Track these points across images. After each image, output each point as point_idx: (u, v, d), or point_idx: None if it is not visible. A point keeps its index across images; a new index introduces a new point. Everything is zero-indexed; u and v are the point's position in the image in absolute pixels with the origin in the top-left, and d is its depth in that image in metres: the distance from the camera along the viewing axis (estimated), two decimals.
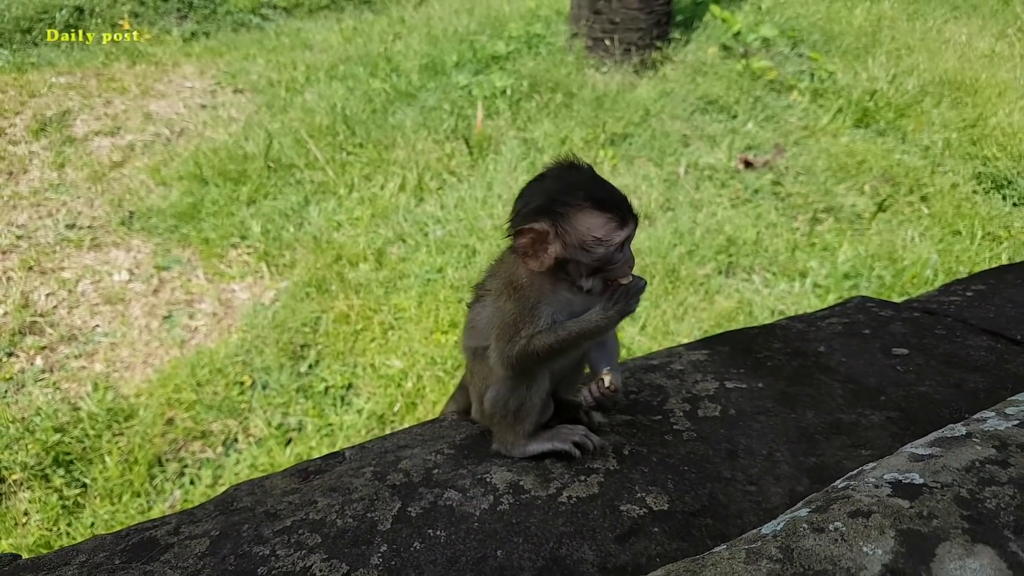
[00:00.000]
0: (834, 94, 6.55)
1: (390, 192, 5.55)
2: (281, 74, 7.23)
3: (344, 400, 3.94)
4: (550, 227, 1.21)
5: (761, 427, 1.38)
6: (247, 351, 4.20)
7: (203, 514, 1.15)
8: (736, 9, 7.71)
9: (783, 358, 1.61)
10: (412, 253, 4.97)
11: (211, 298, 4.69)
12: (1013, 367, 1.58)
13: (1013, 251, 5.21)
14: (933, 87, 6.87)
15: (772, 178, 5.68)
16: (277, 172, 5.76)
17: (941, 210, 5.51)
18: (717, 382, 1.53)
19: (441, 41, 7.66)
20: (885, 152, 6.01)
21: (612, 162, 5.96)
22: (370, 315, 4.40)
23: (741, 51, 6.91)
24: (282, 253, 4.93)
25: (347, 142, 6.10)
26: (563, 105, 6.59)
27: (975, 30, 8.58)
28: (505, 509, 1.14)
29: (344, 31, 8.21)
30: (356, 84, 6.96)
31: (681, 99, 6.55)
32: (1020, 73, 7.56)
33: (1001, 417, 0.94)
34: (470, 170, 5.96)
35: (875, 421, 1.39)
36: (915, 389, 1.50)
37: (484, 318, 1.35)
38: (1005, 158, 6.11)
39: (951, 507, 0.76)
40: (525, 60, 7.18)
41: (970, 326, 1.78)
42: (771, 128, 6.25)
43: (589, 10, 6.95)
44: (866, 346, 1.67)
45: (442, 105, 6.61)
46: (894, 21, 8.37)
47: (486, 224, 5.24)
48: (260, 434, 3.76)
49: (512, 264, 1.31)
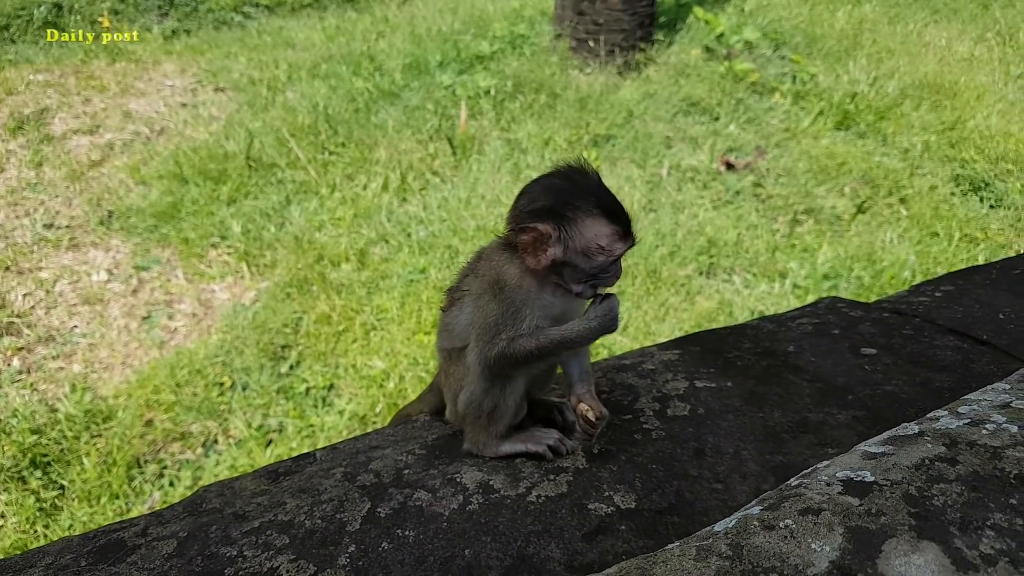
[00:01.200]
0: (816, 96, 6.61)
1: (373, 192, 5.54)
2: (263, 72, 7.19)
3: (325, 401, 3.93)
4: (554, 230, 1.22)
5: (729, 426, 1.39)
6: (227, 352, 4.18)
7: (171, 515, 1.14)
8: (719, 11, 7.75)
9: (753, 358, 1.63)
10: (395, 254, 4.96)
11: (191, 298, 4.66)
12: (978, 366, 1.60)
13: (990, 253, 5.27)
14: (913, 90, 6.95)
15: (753, 180, 5.72)
16: (258, 171, 5.73)
17: (919, 212, 5.57)
18: (687, 381, 1.55)
19: (425, 40, 7.65)
20: (865, 154, 6.07)
21: (596, 163, 5.98)
22: (352, 316, 4.39)
23: (724, 53, 6.95)
24: (263, 253, 4.91)
25: (329, 141, 6.07)
26: (547, 106, 6.60)
27: (955, 34, 8.68)
28: (474, 509, 1.14)
29: (327, 29, 8.18)
30: (339, 83, 6.93)
31: (664, 101, 6.58)
32: (998, 77, 7.66)
33: (953, 416, 0.96)
34: (453, 170, 5.96)
35: (842, 420, 1.41)
36: (882, 388, 1.51)
37: (462, 320, 1.34)
38: (982, 161, 6.18)
39: (899, 504, 0.77)
40: (509, 60, 7.19)
41: (938, 326, 1.80)
42: (753, 130, 6.29)
43: (573, 11, 6.96)
44: (835, 346, 1.69)
45: (425, 105, 6.60)
46: (875, 24, 8.45)
47: (469, 225, 5.24)
48: (240, 435, 3.74)
49: (500, 263, 1.29)
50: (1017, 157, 6.24)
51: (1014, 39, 8.67)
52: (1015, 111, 7.01)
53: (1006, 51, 8.38)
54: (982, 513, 0.76)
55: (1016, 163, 6.20)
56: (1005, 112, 6.92)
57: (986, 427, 0.93)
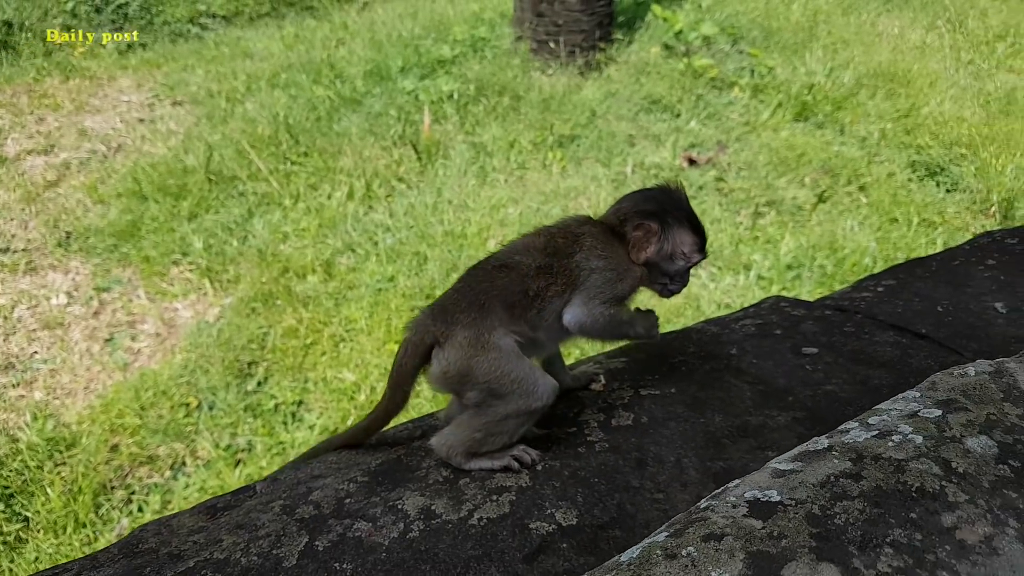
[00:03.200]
0: (774, 89, 6.68)
1: (337, 201, 5.51)
2: (221, 84, 7.11)
3: (295, 417, 3.90)
4: (658, 230, 1.45)
5: (671, 433, 1.40)
6: (192, 371, 4.13)
7: (106, 558, 1.13)
8: (677, 8, 7.80)
9: (696, 362, 1.64)
10: (362, 263, 4.94)
11: (153, 318, 4.60)
12: (916, 361, 1.63)
13: (947, 236, 5.36)
14: (868, 79, 7.05)
15: (715, 174, 5.77)
16: (219, 185, 5.67)
17: (878, 199, 5.65)
18: (632, 390, 1.56)
19: (385, 46, 7.61)
20: (824, 144, 6.15)
21: (561, 164, 5.99)
22: (320, 328, 4.36)
23: (683, 50, 7.00)
24: (226, 268, 4.86)
25: (291, 151, 6.03)
26: (510, 108, 6.61)
27: (907, 22, 8.82)
28: (415, 536, 1.14)
29: (285, 38, 8.11)
30: (299, 92, 6.88)
31: (626, 99, 6.61)
32: (949, 64, 7.80)
33: (863, 428, 0.98)
34: (419, 176, 5.94)
35: (782, 422, 1.42)
36: (822, 388, 1.53)
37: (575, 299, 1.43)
38: (937, 146, 6.29)
39: (802, 525, 0.78)
40: (471, 64, 7.18)
41: (878, 322, 1.82)
42: (714, 125, 6.35)
43: (532, 13, 6.97)
44: (777, 346, 1.70)
45: (388, 111, 6.57)
46: (830, 15, 8.56)
47: (437, 230, 5.23)
48: (208, 456, 3.70)
49: (614, 247, 1.46)
50: (970, 142, 6.37)
51: (963, 26, 8.83)
52: (967, 96, 7.15)
53: (956, 38, 8.54)
54: (882, 530, 0.77)
55: (969, 147, 6.32)
56: (957, 98, 7.05)
57: (893, 439, 0.94)
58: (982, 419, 0.98)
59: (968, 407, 1.00)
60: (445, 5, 8.66)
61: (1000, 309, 1.86)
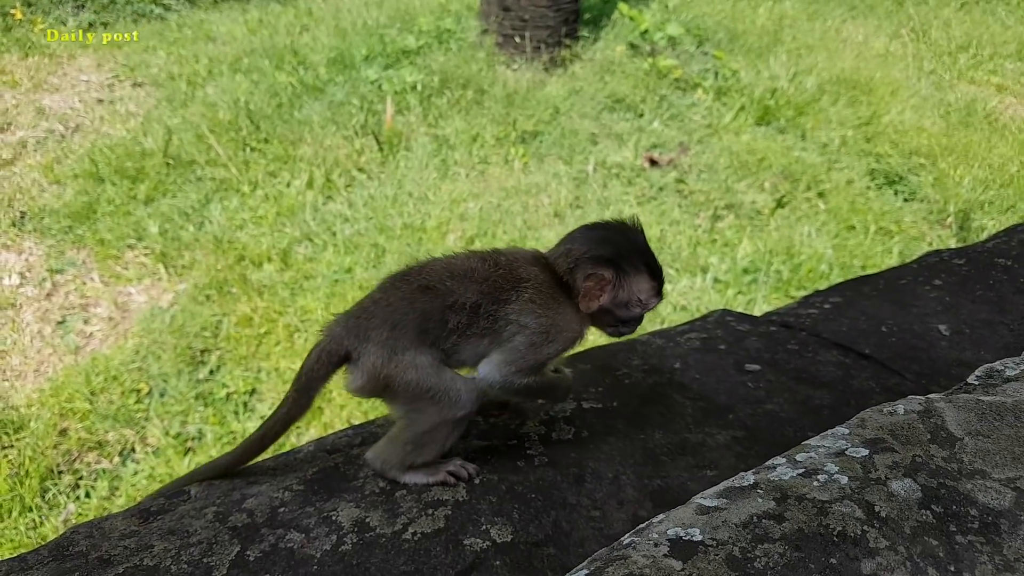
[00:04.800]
0: (737, 92, 6.76)
1: (296, 189, 5.44)
2: (182, 67, 6.97)
3: (247, 406, 3.87)
4: (613, 278, 1.36)
5: (610, 449, 1.42)
6: (143, 357, 4.08)
7: (36, 560, 1.12)
8: (644, 7, 7.84)
9: (640, 375, 1.66)
10: (319, 253, 4.90)
11: (107, 302, 4.51)
12: (857, 382, 1.66)
13: (904, 245, 5.49)
14: (831, 86, 7.17)
15: (676, 176, 5.83)
16: (177, 169, 5.57)
17: (837, 206, 5.76)
18: (575, 402, 1.56)
19: (350, 34, 7.52)
20: (785, 149, 6.24)
21: (523, 160, 6.00)
22: (275, 318, 4.32)
23: (648, 50, 7.04)
24: (181, 254, 4.78)
25: (251, 137, 5.93)
26: (474, 102, 6.59)
27: (871, 30, 8.98)
28: (347, 550, 1.15)
29: (249, 23, 7.96)
30: (261, 78, 6.77)
31: (590, 97, 6.63)
32: (912, 72, 7.97)
33: (790, 464, 0.99)
34: (380, 167, 5.90)
35: (721, 441, 1.44)
36: (763, 407, 1.56)
37: (482, 344, 1.36)
38: (896, 155, 6.43)
39: (721, 568, 0.79)
40: (436, 55, 7.13)
41: (823, 340, 1.85)
42: (676, 126, 6.40)
43: (498, 7, 6.95)
44: (720, 362, 1.72)
45: (351, 100, 6.50)
46: (795, 20, 8.67)
47: (396, 222, 5.21)
48: (158, 444, 3.66)
49: (554, 298, 1.37)
50: (929, 151, 6.52)
51: (927, 35, 9.02)
52: (927, 106, 7.31)
53: (919, 47, 8.73)
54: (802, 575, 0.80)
55: (928, 157, 6.47)
56: (918, 107, 7.21)
57: (818, 478, 0.95)
58: (908, 461, 0.98)
59: (895, 448, 1.00)
60: None
61: (943, 331, 1.90)
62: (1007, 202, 6.04)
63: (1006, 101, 7.94)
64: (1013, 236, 2.48)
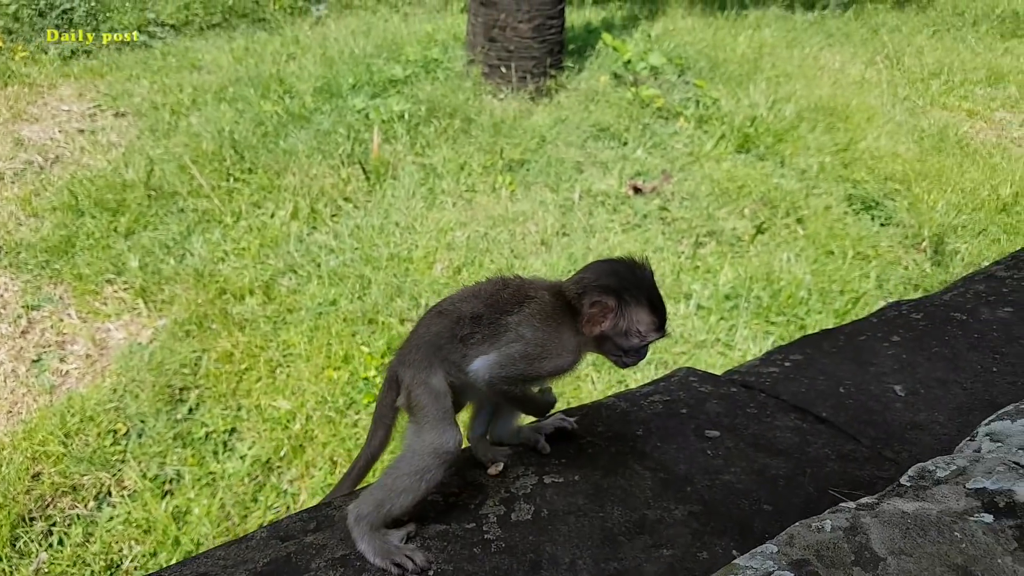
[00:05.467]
0: (718, 120, 6.84)
1: (280, 220, 5.44)
2: (166, 96, 6.98)
3: (227, 446, 3.82)
4: (615, 307, 1.46)
5: (569, 530, 1.38)
6: (121, 396, 4.03)
7: None
8: (627, 37, 7.95)
9: (603, 443, 1.64)
10: (303, 285, 4.88)
11: (84, 339, 4.47)
12: (813, 450, 1.65)
13: (880, 270, 5.54)
14: (809, 113, 7.27)
15: (659, 203, 5.88)
16: (158, 201, 5.55)
17: (815, 231, 5.81)
18: (536, 477, 1.54)
19: (337, 63, 7.57)
20: (764, 176, 6.31)
21: (510, 188, 6.02)
22: (256, 353, 4.29)
23: (631, 79, 7.13)
24: (161, 288, 4.75)
25: (235, 168, 5.93)
26: (461, 131, 6.63)
27: (848, 57, 9.14)
28: None
29: (235, 51, 8.00)
30: (246, 107, 6.79)
31: (575, 126, 6.69)
32: (887, 99, 8.10)
33: None
34: (367, 196, 5.91)
35: (678, 516, 1.42)
36: (720, 478, 1.54)
37: (490, 356, 1.46)
38: (873, 181, 6.51)
39: None
40: (423, 84, 7.19)
41: (782, 402, 1.85)
42: (659, 154, 6.46)
43: (484, 37, 7.02)
44: (681, 428, 1.71)
45: (337, 129, 6.53)
46: (774, 49, 8.81)
47: (382, 253, 5.20)
48: (135, 487, 3.60)
49: (556, 318, 1.48)
50: (904, 177, 6.61)
51: (900, 63, 9.19)
52: (902, 132, 7.43)
53: (894, 74, 8.88)
54: None
55: (903, 182, 6.56)
56: (893, 133, 7.32)
57: None
58: None
59: (819, 571, 0.99)
60: (399, 24, 8.67)
61: (899, 392, 1.90)
62: (979, 225, 6.12)
63: (976, 126, 8.09)
64: (969, 287, 2.49)
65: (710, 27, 9.14)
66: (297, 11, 9.38)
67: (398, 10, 9.81)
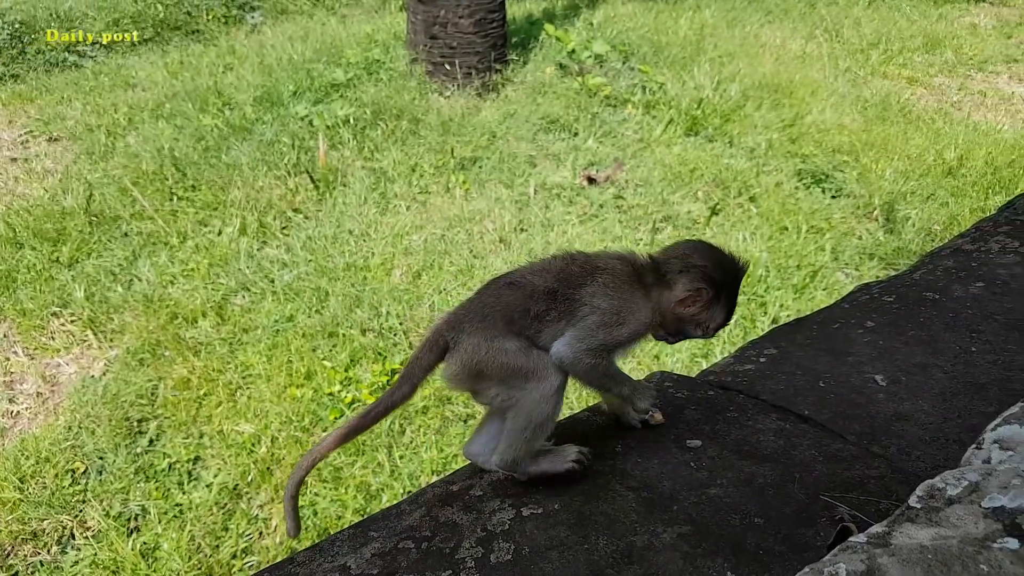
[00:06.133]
0: (665, 105, 6.85)
1: (229, 237, 5.29)
2: (101, 118, 6.74)
3: (191, 475, 3.71)
4: (709, 300, 1.51)
5: (553, 568, 1.30)
6: (76, 434, 3.88)
7: None
8: (569, 27, 7.91)
9: None
10: (257, 303, 4.75)
11: (33, 376, 4.30)
12: (799, 452, 1.59)
13: (835, 241, 5.60)
14: (754, 91, 7.33)
15: (614, 192, 5.87)
16: (101, 227, 5.36)
17: (768, 209, 5.86)
18: (514, 510, 1.46)
19: (276, 70, 7.40)
20: (715, 157, 6.34)
21: (464, 187, 5.95)
22: (214, 377, 4.17)
23: (576, 69, 7.10)
24: (110, 317, 4.58)
25: (178, 186, 5.76)
26: (410, 131, 6.53)
27: (788, 33, 9.24)
28: None
29: (170, 65, 7.76)
30: (185, 122, 6.59)
31: (524, 120, 6.64)
32: (829, 72, 8.21)
33: None
34: (316, 206, 5.78)
35: (667, 540, 1.35)
36: (707, 492, 1.48)
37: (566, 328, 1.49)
38: (821, 154, 6.60)
39: None
40: (366, 87, 7.06)
41: (761, 403, 1.78)
42: (610, 143, 6.45)
43: (425, 35, 6.92)
44: (661, 439, 1.64)
45: (281, 138, 6.38)
46: (715, 29, 8.86)
47: (338, 263, 5.09)
48: (99, 527, 3.47)
49: (635, 291, 1.51)
50: (851, 148, 6.71)
51: (840, 35, 9.33)
52: (846, 104, 7.54)
53: (834, 46, 9.01)
54: None
55: (850, 154, 6.65)
56: (837, 105, 7.42)
57: None
58: None
59: None
60: (337, 27, 8.51)
61: (880, 381, 1.85)
62: (927, 190, 6.25)
63: (917, 93, 8.26)
64: (937, 263, 2.45)
65: (651, 11, 9.15)
66: (231, 20, 9.14)
67: (335, 12, 9.64)
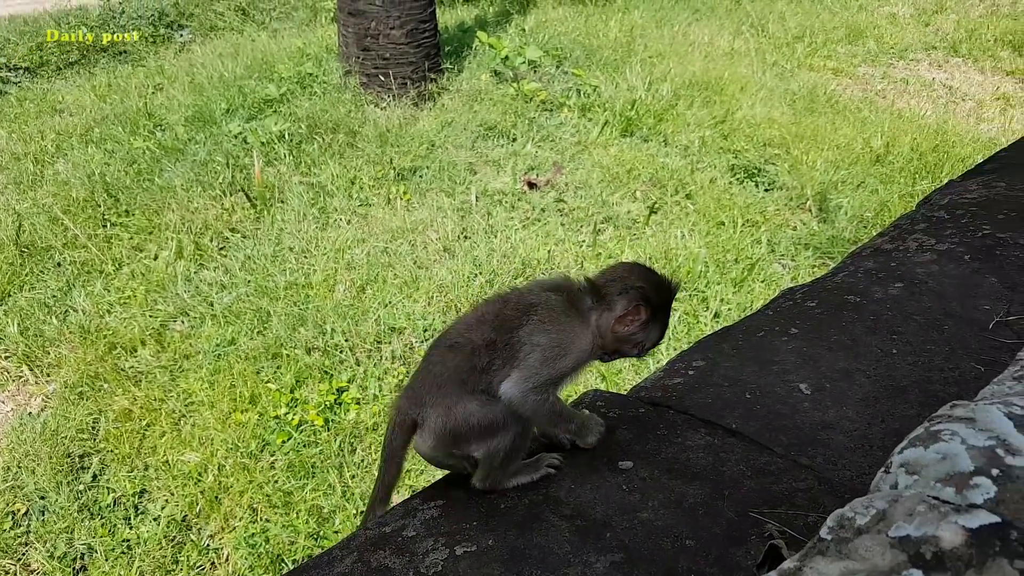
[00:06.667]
0: (600, 107, 6.96)
1: (165, 261, 5.19)
2: (27, 145, 6.54)
3: (138, 510, 3.64)
4: (646, 320, 1.57)
5: None
6: (15, 474, 3.77)
7: None
8: (502, 33, 7.98)
9: (516, 495, 1.57)
10: (197, 327, 4.68)
11: None
12: (728, 468, 1.59)
13: (771, 233, 5.76)
14: (685, 90, 7.49)
15: (555, 196, 5.94)
16: (32, 258, 5.21)
17: (704, 205, 5.99)
18: (447, 549, 1.42)
19: (207, 88, 7.28)
20: (650, 157, 6.46)
21: (405, 197, 5.95)
22: (156, 407, 4.09)
23: (511, 75, 7.16)
24: (46, 351, 4.46)
25: (110, 212, 5.63)
26: (347, 144, 6.50)
27: (715, 30, 9.47)
28: None
29: (97, 88, 7.57)
30: (115, 146, 6.45)
31: (462, 128, 6.67)
32: (757, 67, 8.44)
33: None
34: (254, 224, 5.71)
35: (600, 570, 1.34)
36: (639, 516, 1.47)
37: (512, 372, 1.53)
38: (753, 148, 6.77)
39: None
40: (300, 101, 7.00)
41: (690, 418, 1.78)
42: (548, 147, 6.52)
43: (357, 47, 6.89)
44: (594, 463, 1.63)
45: (215, 157, 6.28)
46: (645, 29, 9.03)
47: (279, 282, 5.04)
48: (43, 569, 3.38)
49: (573, 320, 1.57)
50: (781, 141, 6.91)
51: (765, 30, 9.60)
52: (774, 97, 7.76)
53: (761, 41, 9.27)
54: None
55: (781, 147, 6.85)
56: (766, 99, 7.63)
57: None
58: None
59: None
60: (267, 42, 8.41)
61: (804, 390, 1.86)
62: (857, 179, 6.47)
63: (843, 83, 8.55)
64: (859, 264, 2.46)
65: (581, 15, 9.28)
66: (160, 39, 8.96)
67: (265, 27, 9.53)
